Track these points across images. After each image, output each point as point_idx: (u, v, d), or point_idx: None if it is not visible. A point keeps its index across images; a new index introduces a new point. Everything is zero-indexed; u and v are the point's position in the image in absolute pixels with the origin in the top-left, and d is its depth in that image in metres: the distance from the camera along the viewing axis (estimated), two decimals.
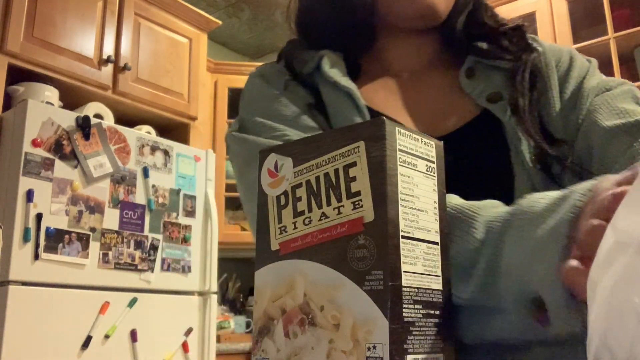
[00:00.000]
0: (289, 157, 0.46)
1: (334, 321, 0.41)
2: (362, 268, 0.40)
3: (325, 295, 0.42)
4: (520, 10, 2.71)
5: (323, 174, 0.44)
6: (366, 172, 0.42)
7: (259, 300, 0.45)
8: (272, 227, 0.46)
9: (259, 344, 0.44)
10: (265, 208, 0.46)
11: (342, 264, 0.41)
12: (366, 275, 0.40)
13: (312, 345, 0.41)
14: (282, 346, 0.43)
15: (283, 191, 0.46)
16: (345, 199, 0.42)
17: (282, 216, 0.45)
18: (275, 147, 0.47)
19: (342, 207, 0.42)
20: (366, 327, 0.39)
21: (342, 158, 0.43)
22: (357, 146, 0.42)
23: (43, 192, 2.05)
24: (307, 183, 0.44)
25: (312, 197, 0.44)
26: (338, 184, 0.43)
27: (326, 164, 0.44)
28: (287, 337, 0.43)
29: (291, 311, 0.43)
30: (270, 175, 0.47)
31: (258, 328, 0.45)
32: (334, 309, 0.41)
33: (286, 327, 0.43)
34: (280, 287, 0.44)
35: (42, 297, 1.99)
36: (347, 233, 0.42)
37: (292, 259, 0.44)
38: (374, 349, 0.39)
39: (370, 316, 0.39)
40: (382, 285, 0.39)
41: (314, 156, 0.44)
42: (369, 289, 0.40)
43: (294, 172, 0.45)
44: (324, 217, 0.43)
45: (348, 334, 0.40)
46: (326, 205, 0.43)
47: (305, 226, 0.44)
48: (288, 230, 0.45)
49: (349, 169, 0.42)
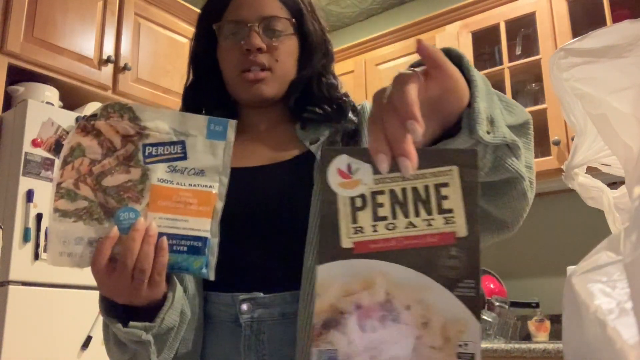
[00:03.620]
0: (368, 164, 0.51)
1: (422, 320, 0.47)
2: (454, 276, 0.48)
3: (412, 296, 0.48)
4: (520, 10, 2.71)
5: (411, 187, 0.50)
6: (460, 194, 0.49)
7: (322, 294, 0.49)
8: (343, 226, 0.50)
9: (324, 335, 0.48)
10: (334, 206, 0.51)
11: (432, 270, 0.48)
12: (458, 283, 0.48)
13: (395, 340, 0.47)
14: (356, 339, 0.48)
15: (359, 194, 0.51)
16: (437, 213, 0.50)
17: (357, 217, 0.50)
18: (347, 149, 0.52)
19: (433, 220, 0.50)
20: (457, 327, 0.47)
21: (433, 177, 0.50)
22: (450, 169, 0.50)
23: (43, 192, 2.06)
24: (391, 192, 0.51)
25: (398, 206, 0.50)
26: (428, 199, 0.50)
27: (414, 179, 0.50)
28: (364, 331, 0.48)
29: (369, 307, 0.48)
30: (342, 176, 0.51)
31: (322, 321, 0.49)
32: (422, 309, 0.48)
33: (362, 321, 0.48)
34: (354, 283, 0.49)
35: (42, 297, 2.00)
36: (438, 243, 0.49)
37: (370, 259, 0.49)
38: (466, 346, 0.46)
39: (462, 318, 0.47)
40: (474, 293, 0.48)
41: (398, 169, 0.51)
42: (460, 295, 0.48)
43: (375, 179, 0.51)
44: (411, 226, 0.50)
45: (438, 332, 0.47)
46: (414, 215, 0.50)
47: (388, 231, 0.50)
48: (366, 232, 0.50)
49: (441, 188, 0.50)
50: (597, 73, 0.67)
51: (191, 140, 0.69)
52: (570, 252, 2.58)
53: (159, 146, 0.69)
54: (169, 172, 0.68)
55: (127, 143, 0.68)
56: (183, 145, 0.69)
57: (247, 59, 0.88)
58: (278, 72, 0.90)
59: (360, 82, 3.13)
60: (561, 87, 0.74)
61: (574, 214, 2.66)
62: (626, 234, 0.48)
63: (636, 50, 0.63)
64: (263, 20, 0.89)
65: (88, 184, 0.67)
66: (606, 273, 0.51)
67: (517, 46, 2.78)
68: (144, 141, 0.68)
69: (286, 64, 0.91)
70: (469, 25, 2.85)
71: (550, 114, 2.53)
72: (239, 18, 0.89)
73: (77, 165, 0.67)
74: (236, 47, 0.89)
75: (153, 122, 0.69)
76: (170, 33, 2.88)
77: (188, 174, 0.69)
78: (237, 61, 0.89)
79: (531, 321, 2.52)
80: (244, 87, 0.90)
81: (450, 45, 2.88)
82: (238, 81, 0.91)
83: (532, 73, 2.70)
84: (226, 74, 0.93)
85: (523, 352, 2.08)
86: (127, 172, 0.68)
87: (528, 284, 2.75)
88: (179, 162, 0.69)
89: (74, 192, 0.67)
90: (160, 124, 0.69)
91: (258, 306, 0.80)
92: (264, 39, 0.88)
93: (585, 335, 0.49)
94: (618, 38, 0.64)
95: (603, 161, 0.82)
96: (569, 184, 0.89)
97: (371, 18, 3.66)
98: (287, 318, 0.79)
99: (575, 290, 0.52)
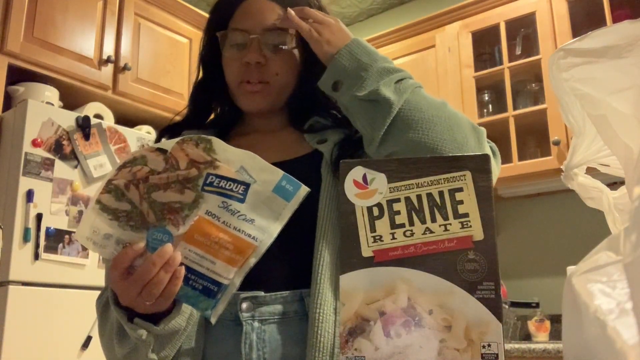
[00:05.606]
0: (382, 173, 0.53)
1: (445, 323, 0.49)
2: (474, 279, 0.49)
3: (434, 301, 0.50)
4: (520, 10, 2.71)
5: (425, 194, 0.52)
6: (474, 198, 0.51)
7: (347, 303, 0.51)
8: (362, 235, 0.52)
9: (350, 343, 0.50)
10: (353, 217, 0.53)
11: (452, 274, 0.50)
12: (478, 285, 0.49)
13: (420, 344, 0.49)
14: (382, 345, 0.49)
15: (376, 203, 0.53)
16: (452, 218, 0.51)
17: (375, 226, 0.52)
18: (361, 161, 0.54)
19: (450, 225, 0.51)
20: (480, 329, 0.48)
21: (447, 182, 0.52)
22: (464, 175, 0.51)
23: (43, 192, 2.06)
24: (407, 199, 0.52)
25: (414, 213, 0.52)
26: (444, 205, 0.52)
27: (428, 185, 0.52)
28: (389, 337, 0.49)
29: (393, 313, 0.50)
30: (358, 187, 0.53)
31: (348, 328, 0.50)
32: (445, 313, 0.49)
33: (387, 327, 0.50)
34: (377, 291, 0.51)
35: (42, 297, 2.00)
36: (456, 248, 0.50)
37: (390, 266, 0.51)
38: (489, 347, 0.48)
39: (484, 319, 0.48)
40: (494, 294, 0.49)
41: (413, 176, 0.53)
42: (481, 297, 0.49)
43: (389, 188, 0.53)
44: (428, 232, 0.51)
45: (461, 335, 0.48)
46: (431, 221, 0.51)
47: (406, 237, 0.52)
48: (385, 240, 0.52)
49: (455, 193, 0.51)
50: (597, 73, 0.67)
51: (256, 186, 0.67)
52: (570, 252, 2.58)
53: (222, 179, 0.66)
54: (220, 207, 0.66)
55: (192, 167, 0.67)
56: (247, 187, 0.67)
57: (246, 71, 0.90)
58: (276, 85, 0.91)
59: None
60: (560, 87, 0.74)
61: (574, 214, 2.66)
62: (626, 234, 0.48)
63: (636, 50, 0.62)
64: (266, 32, 0.89)
65: (139, 189, 0.66)
66: (606, 273, 0.51)
67: (517, 46, 2.78)
68: (210, 170, 0.66)
69: (285, 77, 0.92)
70: (469, 25, 2.85)
71: (550, 114, 2.53)
72: (243, 27, 0.90)
73: (135, 170, 0.66)
74: (237, 57, 0.90)
75: (226, 156, 0.67)
76: (170, 33, 2.88)
77: (238, 218, 0.66)
78: (238, 72, 0.91)
79: (531, 321, 2.52)
80: (242, 98, 0.93)
81: (451, 45, 2.89)
82: (237, 91, 0.93)
83: (532, 73, 2.70)
84: (228, 81, 0.94)
85: (523, 352, 2.08)
86: (181, 193, 0.66)
87: (528, 284, 2.75)
88: (234, 202, 0.66)
89: (121, 192, 0.66)
90: (233, 159, 0.67)
91: (259, 305, 0.80)
92: (265, 52, 0.89)
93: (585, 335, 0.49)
94: (618, 38, 0.64)
95: (602, 161, 0.81)
96: (569, 184, 0.89)
97: (371, 18, 3.66)
98: (288, 317, 0.80)
99: (575, 290, 0.52)
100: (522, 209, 2.85)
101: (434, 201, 0.52)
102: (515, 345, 2.13)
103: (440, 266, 0.50)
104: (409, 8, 3.48)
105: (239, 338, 0.79)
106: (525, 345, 2.12)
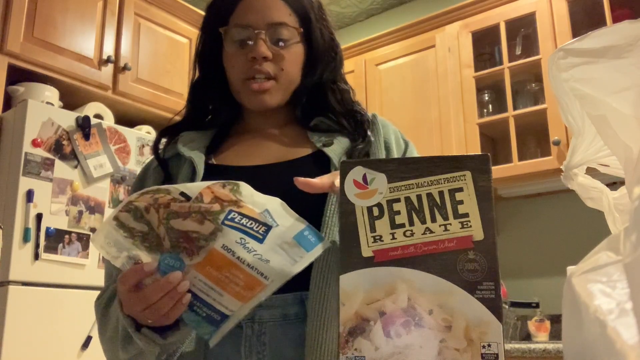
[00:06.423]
0: (382, 173, 0.53)
1: (445, 323, 0.49)
2: (473, 279, 0.49)
3: (434, 301, 0.49)
4: (520, 10, 2.71)
5: (425, 194, 0.52)
6: (474, 198, 0.51)
7: (347, 303, 0.51)
8: (362, 235, 0.52)
9: (350, 343, 0.50)
10: (353, 216, 0.53)
11: (451, 274, 0.49)
12: (477, 285, 0.49)
13: (420, 344, 0.48)
14: (382, 345, 0.49)
15: (376, 203, 0.52)
16: (452, 218, 0.51)
17: (375, 226, 0.52)
18: (361, 161, 0.54)
19: (450, 225, 0.51)
20: (480, 329, 0.48)
21: (447, 182, 0.51)
22: (464, 175, 0.51)
23: (43, 192, 2.06)
24: (407, 199, 0.52)
25: (414, 213, 0.52)
26: (444, 205, 0.51)
27: (428, 185, 0.52)
28: (389, 337, 0.49)
29: (393, 313, 0.50)
30: (358, 187, 0.53)
31: (348, 329, 0.50)
32: (445, 313, 0.49)
33: (387, 327, 0.49)
34: (377, 291, 0.50)
35: (42, 297, 2.00)
36: (456, 248, 0.50)
37: (390, 266, 0.51)
38: (489, 347, 0.47)
39: (484, 319, 0.48)
40: (494, 294, 0.49)
41: (412, 176, 0.52)
42: (481, 297, 0.49)
43: (389, 188, 0.52)
44: (428, 232, 0.51)
45: (461, 335, 0.48)
46: (431, 221, 0.51)
47: (406, 237, 0.51)
48: (385, 240, 0.52)
49: (455, 193, 0.51)
50: (597, 73, 0.67)
51: (278, 230, 0.66)
52: (570, 252, 2.58)
53: (244, 217, 0.66)
54: (238, 243, 0.65)
55: (215, 202, 0.66)
56: (268, 229, 0.66)
57: (252, 67, 0.88)
58: (283, 81, 0.90)
59: (360, 82, 3.12)
60: (560, 87, 0.74)
61: (574, 214, 2.66)
62: (626, 234, 0.48)
63: (636, 50, 0.62)
64: (270, 27, 0.88)
65: (159, 213, 0.66)
66: (606, 273, 0.51)
67: (517, 46, 2.78)
68: (233, 208, 0.66)
69: (291, 73, 0.91)
70: (469, 25, 2.85)
71: (550, 114, 2.53)
72: (246, 23, 0.89)
73: (158, 196, 0.66)
74: (242, 53, 0.89)
75: (252, 199, 0.67)
76: (170, 33, 2.88)
77: (253, 256, 0.65)
78: (242, 68, 0.89)
79: (531, 321, 2.52)
80: (248, 96, 0.91)
81: (451, 45, 2.89)
82: (242, 89, 0.91)
83: (532, 73, 2.70)
84: (231, 79, 0.93)
85: (523, 352, 2.08)
86: (200, 223, 0.65)
87: (528, 284, 2.75)
88: (252, 241, 0.65)
89: (140, 214, 0.66)
90: (259, 202, 0.67)
91: (259, 307, 0.80)
92: (270, 47, 0.88)
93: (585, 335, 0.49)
94: (618, 38, 0.64)
95: (601, 161, 0.81)
96: (568, 185, 0.89)
97: (371, 18, 3.66)
98: (288, 319, 0.79)
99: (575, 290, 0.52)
100: (522, 209, 2.85)
101: (434, 201, 0.52)
102: (515, 345, 2.13)
103: (440, 266, 0.50)
104: (409, 8, 3.48)
105: (239, 340, 0.79)
106: (525, 345, 2.12)
